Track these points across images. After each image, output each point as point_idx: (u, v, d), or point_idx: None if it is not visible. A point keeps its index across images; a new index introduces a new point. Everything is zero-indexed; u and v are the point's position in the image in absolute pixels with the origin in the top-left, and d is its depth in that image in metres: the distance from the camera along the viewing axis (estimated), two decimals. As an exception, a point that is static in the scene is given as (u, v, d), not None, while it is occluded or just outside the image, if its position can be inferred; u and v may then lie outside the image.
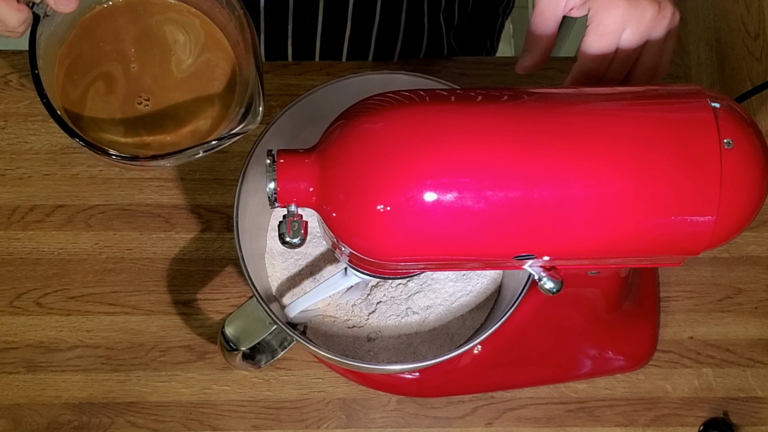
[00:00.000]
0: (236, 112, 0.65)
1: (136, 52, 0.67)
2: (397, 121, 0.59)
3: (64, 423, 0.88)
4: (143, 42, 0.67)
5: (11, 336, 0.90)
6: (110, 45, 0.67)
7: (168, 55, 0.67)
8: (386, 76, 0.78)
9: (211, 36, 0.68)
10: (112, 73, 0.66)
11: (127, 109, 0.66)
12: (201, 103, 0.67)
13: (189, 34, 0.67)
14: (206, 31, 0.68)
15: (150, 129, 0.66)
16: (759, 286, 0.94)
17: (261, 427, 0.89)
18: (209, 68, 0.67)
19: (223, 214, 0.94)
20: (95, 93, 0.66)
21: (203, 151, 0.63)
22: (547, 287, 0.64)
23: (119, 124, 0.66)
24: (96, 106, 0.66)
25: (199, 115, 0.66)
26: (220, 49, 0.67)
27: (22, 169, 0.94)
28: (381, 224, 0.59)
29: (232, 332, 0.75)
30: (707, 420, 0.90)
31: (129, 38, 0.67)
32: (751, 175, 0.60)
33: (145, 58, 0.67)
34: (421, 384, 0.90)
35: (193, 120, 0.66)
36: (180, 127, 0.66)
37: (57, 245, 0.92)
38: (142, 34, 0.67)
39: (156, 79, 0.66)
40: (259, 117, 0.63)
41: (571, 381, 0.91)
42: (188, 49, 0.67)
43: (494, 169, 0.58)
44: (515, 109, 0.61)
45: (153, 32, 0.67)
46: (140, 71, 0.66)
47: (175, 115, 0.66)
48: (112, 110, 0.66)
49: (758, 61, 1.00)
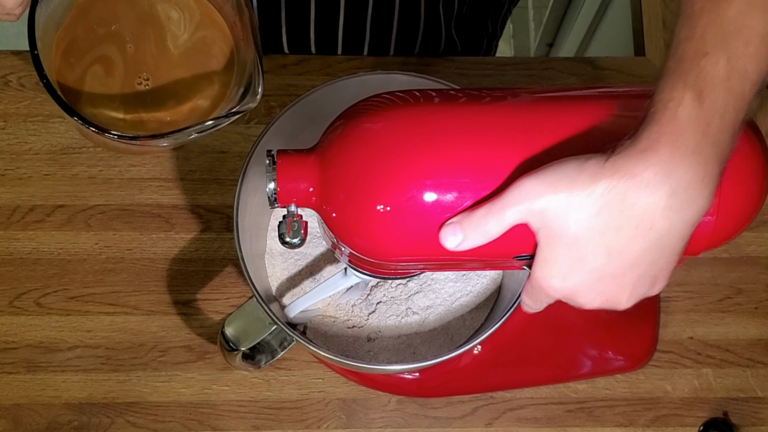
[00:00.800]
0: (235, 92, 0.65)
1: (131, 32, 0.67)
2: (397, 121, 0.59)
3: (64, 423, 0.88)
4: (137, 22, 0.67)
5: (11, 336, 0.90)
6: (105, 27, 0.66)
7: (163, 32, 0.67)
8: (386, 76, 0.78)
9: (206, 15, 0.67)
10: (109, 56, 0.66)
11: (127, 90, 0.66)
12: (200, 81, 0.67)
13: (183, 12, 0.67)
14: (201, 10, 0.67)
15: (150, 108, 0.66)
16: (759, 286, 0.94)
17: (261, 427, 0.89)
18: (206, 45, 0.67)
19: (223, 214, 0.94)
20: (93, 76, 0.66)
21: (200, 131, 0.63)
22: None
23: (119, 104, 0.66)
24: (95, 89, 0.65)
25: (199, 94, 0.66)
26: (217, 29, 0.67)
27: (22, 169, 0.94)
28: (381, 224, 0.59)
29: (232, 332, 0.75)
30: (707, 420, 0.90)
31: (124, 19, 0.67)
32: (751, 175, 0.60)
33: (140, 38, 0.66)
34: (421, 384, 0.90)
35: (193, 98, 0.66)
36: (179, 106, 0.66)
37: (57, 245, 0.92)
38: (135, 14, 0.67)
39: (153, 58, 0.66)
40: (259, 96, 0.63)
41: (571, 381, 0.91)
42: (182, 25, 0.67)
43: (494, 169, 0.58)
44: (515, 109, 0.61)
45: (146, 11, 0.67)
46: (137, 51, 0.66)
47: (175, 94, 0.66)
48: (111, 92, 0.66)
49: (758, 61, 1.00)
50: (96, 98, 0.66)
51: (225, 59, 0.67)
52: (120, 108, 0.66)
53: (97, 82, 0.66)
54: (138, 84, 0.66)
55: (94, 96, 0.66)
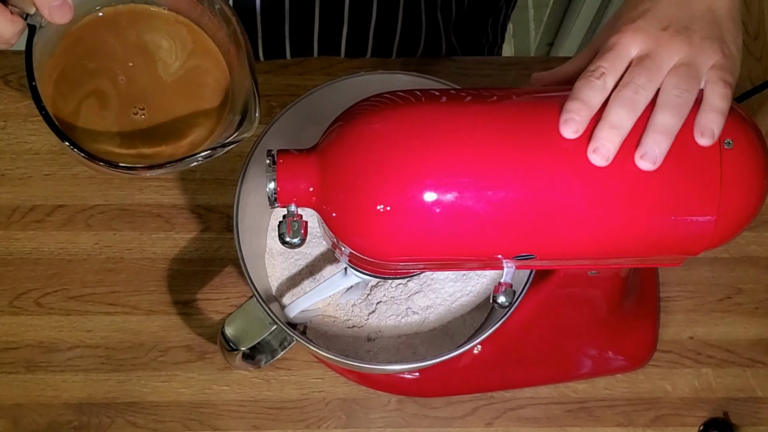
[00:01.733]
0: (230, 120, 0.65)
1: (121, 63, 0.66)
2: (397, 121, 0.59)
3: (64, 423, 0.88)
4: (127, 52, 0.66)
5: (11, 336, 0.90)
6: (95, 59, 0.66)
7: (153, 61, 0.66)
8: (386, 76, 0.78)
9: (199, 43, 0.67)
10: (101, 89, 0.66)
11: (123, 122, 0.65)
12: (195, 110, 0.66)
13: (174, 41, 0.67)
14: (194, 39, 0.67)
15: (146, 139, 0.66)
16: (759, 286, 0.94)
17: (261, 427, 0.89)
18: (199, 74, 0.67)
19: (223, 214, 0.94)
20: (88, 108, 0.65)
21: (196, 161, 0.63)
22: (500, 301, 0.65)
23: (115, 135, 0.65)
24: (90, 120, 0.65)
25: (194, 122, 0.66)
26: (210, 57, 0.67)
27: (22, 169, 0.94)
28: (381, 224, 0.59)
29: (232, 332, 0.75)
30: (707, 420, 0.90)
31: (113, 50, 0.66)
32: (751, 175, 0.60)
33: (131, 69, 0.66)
34: (421, 384, 0.90)
35: (189, 127, 0.66)
36: (177, 135, 0.66)
37: (57, 245, 0.92)
38: (125, 44, 0.66)
39: (146, 87, 0.66)
40: (255, 124, 0.63)
41: (571, 381, 0.91)
42: (174, 53, 0.66)
43: (494, 169, 0.58)
44: (516, 109, 0.61)
45: (134, 42, 0.66)
46: (129, 82, 0.66)
47: (171, 123, 0.66)
48: (107, 124, 0.65)
49: (758, 61, 1.00)
50: (92, 131, 0.65)
51: (220, 87, 0.67)
52: (117, 140, 0.65)
53: (93, 115, 0.65)
54: (134, 114, 0.66)
55: (90, 128, 0.65)
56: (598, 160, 0.58)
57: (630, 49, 0.60)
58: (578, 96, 0.58)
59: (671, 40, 0.59)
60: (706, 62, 0.59)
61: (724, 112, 0.59)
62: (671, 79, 0.59)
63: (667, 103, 0.58)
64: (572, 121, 0.58)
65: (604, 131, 0.57)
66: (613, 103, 0.58)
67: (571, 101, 0.58)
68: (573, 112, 0.58)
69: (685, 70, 0.59)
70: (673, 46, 0.59)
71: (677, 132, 0.58)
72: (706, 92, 0.59)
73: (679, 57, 0.59)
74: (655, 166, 0.58)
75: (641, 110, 0.58)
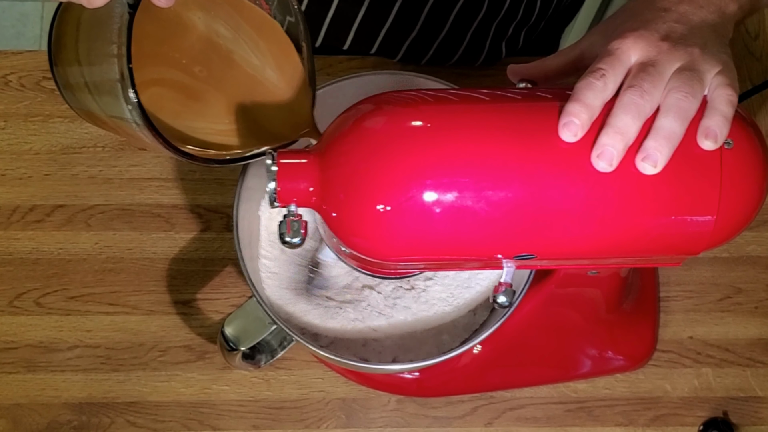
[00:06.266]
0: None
1: (198, 55, 0.66)
2: (397, 121, 0.59)
3: (64, 423, 0.88)
4: (205, 45, 0.66)
5: (11, 336, 0.90)
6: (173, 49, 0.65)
7: (239, 66, 0.67)
8: (386, 77, 0.78)
9: (276, 42, 0.68)
10: (178, 80, 0.65)
11: (199, 110, 0.65)
12: (276, 104, 0.67)
13: (260, 55, 0.67)
14: (269, 37, 0.68)
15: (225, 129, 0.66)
16: (759, 286, 0.94)
17: (261, 427, 0.89)
18: (280, 70, 0.67)
19: (223, 214, 0.94)
20: (169, 99, 0.65)
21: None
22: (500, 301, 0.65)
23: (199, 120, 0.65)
24: (168, 111, 0.64)
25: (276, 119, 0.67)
26: (288, 54, 0.68)
27: (22, 169, 0.94)
28: (381, 224, 0.59)
29: (231, 332, 0.75)
30: (707, 420, 0.90)
31: (190, 41, 0.66)
32: (751, 175, 0.60)
33: (207, 60, 0.66)
34: (421, 384, 0.90)
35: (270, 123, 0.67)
36: (257, 129, 0.67)
37: (57, 245, 0.92)
38: (202, 38, 0.66)
39: (232, 81, 0.66)
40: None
41: (571, 381, 0.91)
42: (259, 58, 0.67)
43: (494, 169, 0.58)
44: (516, 108, 0.61)
45: (222, 52, 0.66)
46: (207, 75, 0.66)
47: (253, 116, 0.66)
48: (185, 115, 0.65)
49: (758, 60, 1.00)
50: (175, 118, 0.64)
51: (299, 90, 0.68)
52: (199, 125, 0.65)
53: (172, 106, 0.64)
54: (212, 101, 0.65)
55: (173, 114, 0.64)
56: (602, 165, 0.57)
57: (630, 54, 0.60)
58: (578, 97, 0.58)
59: (672, 49, 0.59)
60: (710, 69, 0.59)
61: (730, 118, 0.59)
62: (675, 83, 0.59)
63: (672, 106, 0.58)
64: (572, 125, 0.58)
65: (609, 137, 0.57)
66: (618, 108, 0.58)
67: (572, 103, 0.58)
68: (572, 114, 0.58)
69: (688, 75, 0.59)
70: (674, 55, 0.59)
71: (681, 137, 0.58)
72: (712, 97, 0.59)
73: (680, 65, 0.59)
74: (657, 170, 0.58)
75: (646, 117, 0.58)
